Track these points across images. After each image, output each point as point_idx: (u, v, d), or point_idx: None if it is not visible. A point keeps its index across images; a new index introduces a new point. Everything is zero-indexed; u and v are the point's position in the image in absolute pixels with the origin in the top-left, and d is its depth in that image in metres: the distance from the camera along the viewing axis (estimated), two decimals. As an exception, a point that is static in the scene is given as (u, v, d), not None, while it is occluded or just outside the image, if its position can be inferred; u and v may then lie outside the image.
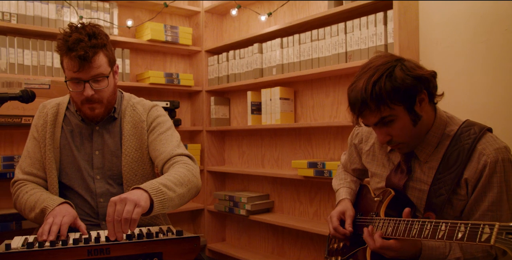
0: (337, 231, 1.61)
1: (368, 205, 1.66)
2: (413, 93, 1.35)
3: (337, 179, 1.88)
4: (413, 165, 1.51)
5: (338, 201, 1.75)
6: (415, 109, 1.37)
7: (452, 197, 1.40)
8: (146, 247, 1.46)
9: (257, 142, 3.29)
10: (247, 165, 3.38)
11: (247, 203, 2.98)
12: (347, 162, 1.86)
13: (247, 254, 3.14)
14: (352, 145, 1.80)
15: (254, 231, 3.27)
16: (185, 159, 1.75)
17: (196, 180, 1.69)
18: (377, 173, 1.65)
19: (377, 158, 1.66)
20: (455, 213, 1.42)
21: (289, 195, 3.02)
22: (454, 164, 1.39)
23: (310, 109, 2.89)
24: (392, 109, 1.34)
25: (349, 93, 1.40)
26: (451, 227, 1.15)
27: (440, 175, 1.41)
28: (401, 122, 1.37)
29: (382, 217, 1.49)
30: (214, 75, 3.45)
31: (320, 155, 2.81)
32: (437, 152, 1.45)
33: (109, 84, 1.74)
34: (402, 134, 1.40)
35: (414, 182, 1.50)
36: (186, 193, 1.61)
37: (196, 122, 3.58)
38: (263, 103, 2.98)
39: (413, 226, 1.28)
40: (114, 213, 1.36)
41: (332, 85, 2.75)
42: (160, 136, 1.83)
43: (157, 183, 1.50)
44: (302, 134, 2.94)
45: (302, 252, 2.92)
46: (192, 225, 3.58)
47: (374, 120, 1.38)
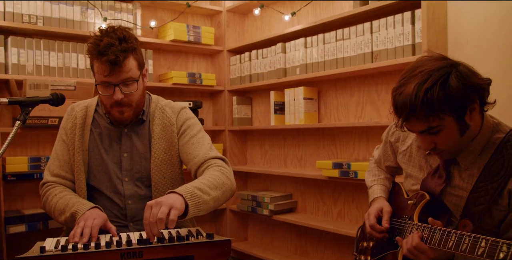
0: (374, 229, 1.58)
1: (400, 206, 1.62)
2: (466, 103, 1.26)
3: (370, 175, 1.84)
4: (453, 171, 1.46)
5: (372, 199, 1.72)
6: (464, 119, 1.29)
7: (492, 207, 1.33)
8: (178, 250, 1.47)
9: (279, 142, 3.28)
10: (269, 164, 3.37)
11: (270, 203, 2.98)
12: (380, 158, 1.81)
13: (269, 254, 3.14)
14: (387, 142, 1.74)
15: (276, 231, 3.27)
16: (219, 162, 1.76)
17: (230, 182, 1.70)
18: (413, 175, 1.60)
19: (413, 159, 1.61)
20: (493, 223, 1.35)
21: (312, 196, 3.00)
22: (498, 174, 1.32)
23: (334, 109, 2.87)
24: (441, 119, 1.27)
25: (396, 96, 1.31)
26: (492, 245, 1.12)
27: (482, 184, 1.35)
28: (448, 132, 1.31)
29: (416, 222, 1.46)
30: (236, 75, 3.45)
31: (344, 156, 2.80)
32: (480, 159, 1.37)
33: (138, 88, 1.73)
34: (447, 143, 1.34)
35: (452, 188, 1.45)
36: (220, 196, 1.63)
37: (218, 121, 3.59)
38: (286, 103, 2.97)
39: (449, 238, 1.25)
40: (150, 216, 1.40)
41: (357, 85, 2.73)
42: (191, 139, 1.83)
43: (191, 187, 1.52)
44: (325, 134, 2.92)
45: (326, 252, 2.91)
46: (215, 224, 3.59)
47: (421, 129, 1.31)
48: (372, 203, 1.72)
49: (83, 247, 1.38)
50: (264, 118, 3.42)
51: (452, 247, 1.21)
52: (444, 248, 1.25)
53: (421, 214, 1.49)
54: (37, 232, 2.64)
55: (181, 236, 1.51)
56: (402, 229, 1.52)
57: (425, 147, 1.38)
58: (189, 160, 1.80)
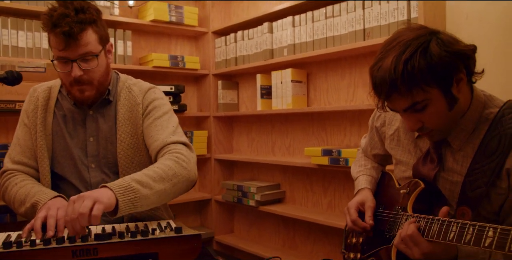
0: (356, 224, 1.44)
1: (391, 197, 1.47)
2: (451, 72, 1.14)
3: (356, 166, 1.70)
4: (445, 153, 1.32)
5: (357, 191, 1.58)
6: (451, 91, 1.16)
7: (491, 190, 1.20)
8: (140, 247, 1.29)
9: (267, 128, 3.10)
10: (256, 153, 3.19)
11: (257, 193, 2.80)
12: (367, 147, 1.68)
13: (256, 247, 2.98)
14: (373, 128, 1.60)
15: (264, 222, 3.10)
16: (178, 148, 1.58)
17: (187, 172, 1.52)
18: (403, 161, 1.46)
19: (402, 143, 1.47)
20: (493, 209, 1.23)
21: (301, 185, 2.83)
22: (495, 152, 1.19)
23: (324, 92, 2.69)
24: (426, 92, 1.14)
25: (374, 73, 1.18)
26: (502, 234, 0.97)
27: (477, 165, 1.22)
28: (435, 106, 1.17)
29: (410, 213, 1.31)
30: (221, 58, 3.26)
31: (335, 142, 2.62)
32: (473, 138, 1.25)
33: (99, 64, 1.59)
34: (435, 120, 1.20)
35: (445, 173, 1.31)
36: (169, 189, 1.46)
37: (203, 107, 3.39)
38: (273, 86, 2.79)
39: (450, 228, 1.10)
40: (71, 211, 1.26)
41: (348, 66, 2.54)
42: (155, 121, 1.68)
43: (130, 179, 1.37)
44: (315, 120, 2.74)
45: (315, 245, 2.74)
46: (199, 216, 3.42)
47: (404, 106, 1.17)
48: (355, 196, 1.57)
49: (30, 243, 1.21)
50: (251, 104, 3.24)
51: (454, 239, 1.07)
52: (444, 241, 1.10)
53: (415, 204, 1.34)
54: (4, 225, 2.46)
55: (145, 230, 1.33)
56: (395, 221, 1.37)
57: (411, 127, 1.23)
58: (150, 144, 1.65)
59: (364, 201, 1.48)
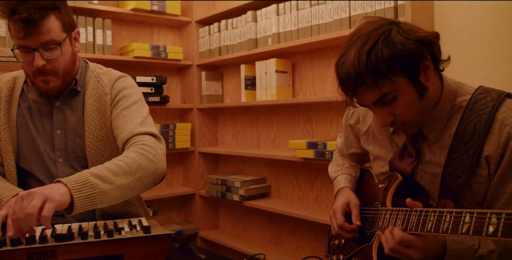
0: (343, 229, 1.36)
1: (371, 193, 1.41)
2: (416, 60, 1.11)
3: (333, 165, 1.65)
4: (422, 147, 1.26)
5: (337, 191, 1.51)
6: (419, 80, 1.13)
7: (471, 179, 1.16)
8: (103, 249, 1.20)
9: (252, 120, 3.00)
10: (241, 145, 3.10)
11: (241, 188, 2.71)
12: (343, 147, 1.62)
13: (241, 243, 2.89)
14: (347, 126, 1.54)
15: (249, 218, 3.01)
16: (145, 139, 1.48)
17: (153, 165, 1.42)
18: (380, 156, 1.40)
19: (377, 139, 1.41)
20: (476, 199, 1.18)
21: (287, 179, 2.74)
22: (471, 140, 1.15)
23: (309, 83, 2.59)
24: (393, 82, 1.10)
25: (338, 69, 1.16)
26: (478, 218, 0.91)
27: (455, 154, 1.17)
28: (405, 97, 1.13)
29: (389, 207, 1.25)
30: (205, 48, 3.15)
31: (321, 135, 2.53)
32: (449, 127, 1.21)
33: (63, 53, 1.49)
34: (407, 111, 1.15)
35: (423, 166, 1.26)
36: (133, 183, 1.36)
37: (187, 99, 3.29)
38: (257, 77, 2.69)
39: (427, 218, 1.04)
40: (18, 210, 1.14)
41: (334, 55, 2.45)
42: (123, 111, 1.58)
43: (88, 174, 1.27)
44: (301, 111, 2.65)
45: (302, 241, 2.66)
46: (183, 211, 3.32)
47: (373, 99, 1.13)
48: (336, 196, 1.50)
49: (-18, 246, 1.11)
50: (236, 95, 3.13)
51: (432, 229, 1.02)
52: (423, 232, 1.05)
53: (395, 198, 1.28)
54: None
55: (110, 230, 1.24)
56: (375, 217, 1.30)
57: (384, 121, 1.18)
58: (117, 136, 1.55)
59: (348, 201, 1.42)
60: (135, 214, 1.66)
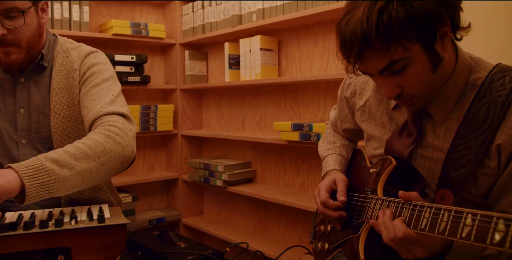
0: (327, 205, 1.21)
1: (361, 178, 1.27)
2: (435, 24, 0.92)
3: (324, 143, 1.49)
4: (425, 126, 1.10)
5: (325, 172, 1.36)
6: (435, 48, 0.95)
7: (477, 170, 1.00)
8: (47, 241, 1.06)
9: (237, 102, 2.85)
10: (226, 128, 2.95)
11: (224, 173, 2.58)
12: (336, 120, 1.46)
13: (226, 230, 2.76)
14: (342, 98, 1.38)
15: (234, 204, 2.88)
16: (114, 119, 1.34)
17: (121, 148, 1.28)
18: (375, 136, 1.25)
19: (374, 116, 1.24)
20: (479, 192, 1.02)
21: (273, 164, 2.61)
22: (483, 125, 0.99)
23: (296, 61, 2.44)
24: (406, 48, 0.92)
25: (341, 28, 0.96)
26: (482, 222, 0.77)
27: (462, 140, 1.01)
28: (417, 67, 0.95)
29: (380, 196, 1.10)
30: (188, 26, 2.98)
31: (308, 116, 2.38)
32: (458, 108, 1.04)
33: (27, 23, 1.38)
34: (417, 84, 0.98)
35: (424, 149, 1.10)
36: (96, 168, 1.22)
37: (170, 79, 3.13)
38: (241, 55, 2.53)
39: (422, 214, 0.90)
40: None
41: (322, 32, 2.29)
42: (92, 89, 1.45)
43: (44, 158, 1.14)
44: (287, 92, 2.50)
45: (288, 229, 2.53)
46: (166, 197, 3.19)
47: (380, 66, 0.95)
48: (324, 178, 1.35)
49: None
50: (220, 75, 2.98)
51: (426, 228, 0.88)
52: (416, 229, 0.91)
53: (387, 185, 1.13)
54: None
55: (60, 219, 1.10)
56: (364, 205, 1.16)
57: (389, 94, 1.00)
58: (84, 115, 1.42)
59: (335, 178, 1.27)
60: (105, 202, 1.54)
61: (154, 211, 3.00)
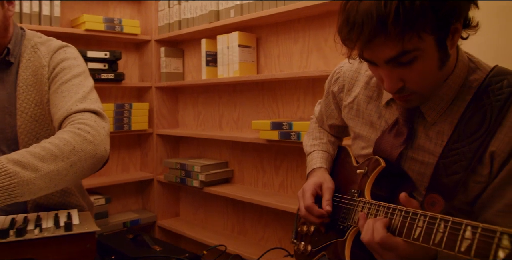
0: (311, 212, 1.15)
1: (348, 178, 1.21)
2: (453, 18, 0.85)
3: (310, 138, 1.42)
4: (416, 127, 1.05)
5: (310, 170, 1.30)
6: (446, 44, 0.89)
7: (470, 177, 0.95)
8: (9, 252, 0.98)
9: (214, 100, 2.77)
10: (203, 127, 2.87)
11: (201, 173, 2.50)
12: (322, 115, 1.39)
13: (203, 232, 2.69)
14: (329, 92, 1.31)
15: (211, 205, 2.81)
16: (85, 117, 1.25)
17: (92, 147, 1.19)
18: (363, 135, 1.19)
19: (363, 114, 1.18)
20: (467, 199, 0.98)
21: (251, 163, 2.54)
22: (478, 130, 0.94)
23: (275, 58, 2.38)
24: (420, 39, 0.84)
25: (352, 7, 0.86)
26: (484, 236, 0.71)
27: (455, 145, 0.96)
28: (426, 61, 0.89)
29: (368, 199, 1.05)
30: (164, 22, 2.89)
31: (287, 114, 2.33)
32: (452, 110, 0.99)
33: None
34: (421, 79, 0.92)
35: (414, 152, 1.05)
36: (65, 169, 1.13)
37: (145, 77, 3.03)
38: (219, 52, 2.46)
39: (415, 222, 0.84)
40: None
41: (302, 29, 2.23)
42: (62, 86, 1.35)
43: (6, 160, 1.05)
44: (266, 89, 2.44)
45: (267, 230, 2.47)
46: (141, 198, 3.09)
47: (389, 55, 0.87)
48: (309, 176, 1.29)
49: None
50: (197, 73, 2.90)
51: (420, 238, 0.82)
52: (408, 239, 0.85)
53: (375, 188, 1.08)
54: None
55: (22, 227, 1.02)
56: (350, 209, 1.10)
57: (391, 87, 0.92)
58: (53, 114, 1.33)
59: (321, 183, 1.21)
60: (75, 206, 1.46)
61: (129, 213, 2.91)
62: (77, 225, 1.09)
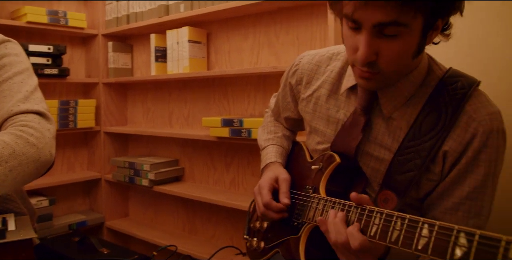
0: (270, 208, 1.12)
1: (302, 174, 1.18)
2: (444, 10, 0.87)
3: (264, 132, 1.39)
4: (374, 120, 1.04)
5: (265, 165, 1.27)
6: (427, 34, 0.90)
7: (423, 175, 0.97)
8: None
9: (164, 96, 2.71)
10: (152, 124, 2.80)
11: (151, 171, 2.43)
12: (278, 107, 1.36)
13: (153, 233, 2.61)
14: (287, 84, 1.28)
15: (161, 204, 2.74)
16: (28, 119, 1.15)
17: (36, 150, 1.10)
18: (319, 130, 1.17)
19: (320, 108, 1.16)
20: (419, 196, 1.00)
21: (202, 161, 2.50)
22: (433, 129, 0.95)
23: (225, 54, 2.34)
24: (413, 17, 0.83)
25: None
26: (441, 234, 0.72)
27: (411, 143, 0.97)
28: (406, 42, 0.87)
29: (323, 195, 1.04)
30: (112, 16, 2.79)
31: (238, 111, 2.30)
32: (409, 106, 1.00)
33: None
34: (395, 58, 0.90)
35: (371, 146, 1.05)
36: (4, 174, 1.03)
37: (92, 73, 2.92)
38: (168, 47, 2.40)
39: (371, 220, 0.84)
40: None
41: (252, 25, 2.21)
42: (2, 85, 1.23)
43: None
44: (216, 86, 2.40)
45: (218, 229, 2.44)
46: (88, 198, 2.98)
47: (381, 19, 0.83)
48: (264, 171, 1.26)
49: None
50: (146, 69, 2.82)
51: (377, 236, 0.82)
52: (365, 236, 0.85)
53: (330, 184, 1.07)
54: None
55: None
56: (304, 205, 1.08)
57: (365, 56, 0.89)
58: None
59: (277, 176, 1.18)
60: (15, 213, 1.33)
61: (75, 215, 2.79)
62: (12, 231, 1.01)
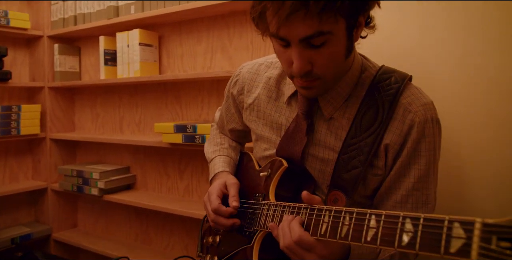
0: (219, 213, 1.09)
1: (251, 182, 1.17)
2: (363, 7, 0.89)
3: (211, 145, 1.38)
4: (316, 123, 1.05)
5: (213, 175, 1.24)
6: (353, 33, 0.92)
7: (368, 171, 0.98)
8: None
9: (114, 101, 2.61)
10: (102, 130, 2.69)
11: (100, 180, 2.33)
12: (223, 120, 1.35)
13: (104, 244, 2.50)
14: (229, 96, 1.28)
15: (112, 214, 2.64)
16: None
17: None
18: (264, 136, 1.16)
19: (263, 115, 1.16)
20: (367, 192, 1.02)
21: (155, 168, 2.42)
22: (373, 124, 0.98)
23: (178, 58, 2.28)
24: (335, 23, 0.85)
25: None
26: (388, 223, 0.72)
27: (353, 140, 0.99)
28: (335, 46, 0.89)
29: (273, 201, 1.02)
30: (58, 16, 2.67)
31: (192, 117, 2.24)
32: (348, 106, 1.02)
33: None
34: (329, 64, 0.92)
35: (315, 148, 1.05)
36: None
37: (36, 76, 2.78)
38: (118, 50, 2.31)
39: (321, 218, 0.83)
40: None
41: (206, 29, 2.16)
42: None
43: None
44: (168, 90, 2.33)
45: (172, 238, 2.36)
46: (34, 209, 2.82)
47: (305, 33, 0.84)
48: (212, 181, 1.23)
49: None
50: (95, 72, 2.71)
51: (327, 234, 0.81)
52: (315, 236, 0.83)
53: (279, 189, 1.05)
54: None
55: None
56: (255, 212, 1.06)
57: (301, 68, 0.90)
58: None
59: (225, 181, 1.16)
60: None
61: (19, 228, 2.63)
62: None
